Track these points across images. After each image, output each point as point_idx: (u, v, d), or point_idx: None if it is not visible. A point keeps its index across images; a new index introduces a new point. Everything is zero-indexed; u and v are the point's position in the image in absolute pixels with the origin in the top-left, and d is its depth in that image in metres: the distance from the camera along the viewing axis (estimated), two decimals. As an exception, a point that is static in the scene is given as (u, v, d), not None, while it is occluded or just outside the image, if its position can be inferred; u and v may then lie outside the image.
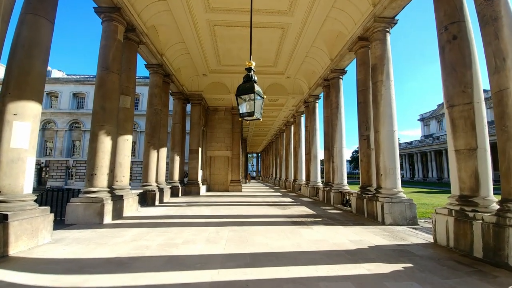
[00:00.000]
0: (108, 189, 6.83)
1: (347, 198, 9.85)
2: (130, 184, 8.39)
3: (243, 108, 4.78)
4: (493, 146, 5.53)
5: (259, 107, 4.85)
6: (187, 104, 16.11)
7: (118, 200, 7.06)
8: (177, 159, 14.21)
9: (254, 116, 4.67)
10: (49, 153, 36.58)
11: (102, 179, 6.73)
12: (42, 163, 35.92)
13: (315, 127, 14.93)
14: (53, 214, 5.14)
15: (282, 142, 25.64)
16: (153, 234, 5.25)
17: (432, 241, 5.21)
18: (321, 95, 14.91)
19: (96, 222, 6.38)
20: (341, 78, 11.48)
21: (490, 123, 39.91)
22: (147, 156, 10.38)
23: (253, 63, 4.78)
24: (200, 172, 16.05)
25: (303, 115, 18.59)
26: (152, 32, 9.68)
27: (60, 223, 6.58)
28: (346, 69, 11.33)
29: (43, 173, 36.60)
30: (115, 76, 7.24)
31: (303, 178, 18.02)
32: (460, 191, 4.98)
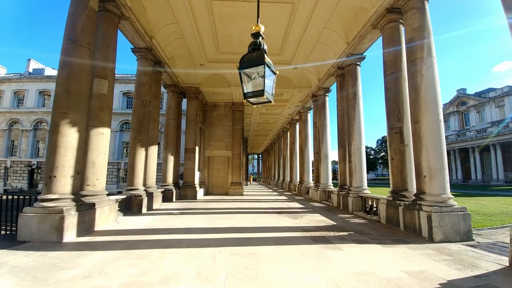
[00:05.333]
0: (72, 196, 5.25)
1: (371, 204, 8.27)
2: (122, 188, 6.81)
3: (249, 87, 3.35)
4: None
5: (271, 85, 3.43)
6: (183, 99, 14.55)
7: (87, 210, 5.48)
8: (171, 159, 12.64)
9: (264, 97, 3.23)
10: (42, 154, 34.93)
11: (63, 183, 5.15)
12: (34, 164, 34.28)
13: (325, 123, 13.36)
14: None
15: (286, 141, 24.07)
16: (122, 263, 3.66)
17: (507, 264, 3.83)
18: (332, 87, 13.41)
19: (53, 239, 4.83)
20: (358, 65, 9.94)
21: (493, 123, 38.45)
22: (133, 155, 8.81)
23: (262, 28, 3.35)
24: (197, 174, 14.46)
25: (310, 111, 17.08)
26: (138, 7, 8.14)
27: (12, 239, 5.05)
28: (364, 54, 9.79)
29: (35, 175, 34.98)
30: (85, 52, 5.68)
31: (311, 180, 16.49)
32: None
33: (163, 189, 11.53)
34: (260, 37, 3.52)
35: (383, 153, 70.31)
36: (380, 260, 3.93)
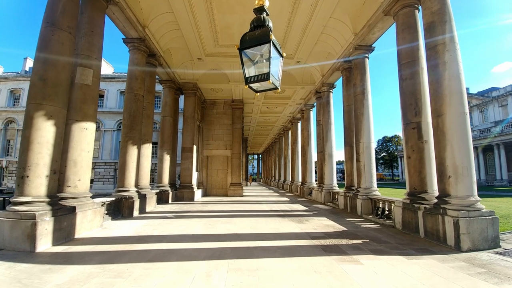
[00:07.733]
0: (47, 199, 4.59)
1: (382, 207, 7.61)
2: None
3: (251, 70, 2.76)
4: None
5: (277, 69, 2.92)
6: (180, 96, 13.89)
7: (65, 214, 4.82)
8: (167, 158, 11.97)
9: (270, 81, 2.63)
10: (38, 154, 34.21)
11: (37, 184, 4.49)
12: (29, 165, 33.59)
13: (330, 121, 12.69)
14: None
15: (287, 141, 23.40)
16: (94, 283, 3.00)
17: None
18: (337, 83, 12.76)
19: (26, 248, 4.19)
20: (367, 57, 9.29)
21: (496, 123, 37.80)
22: (124, 154, 8.14)
23: (267, 2, 2.77)
24: (195, 174, 13.79)
25: (313, 109, 16.43)
26: (129, -8, 7.49)
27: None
28: (373, 45, 9.13)
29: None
30: (65, 36, 5.02)
31: (314, 180, 15.85)
32: None
33: (158, 190, 10.85)
34: (264, 13, 2.91)
35: (383, 153, 69.63)
36: (410, 277, 3.27)
